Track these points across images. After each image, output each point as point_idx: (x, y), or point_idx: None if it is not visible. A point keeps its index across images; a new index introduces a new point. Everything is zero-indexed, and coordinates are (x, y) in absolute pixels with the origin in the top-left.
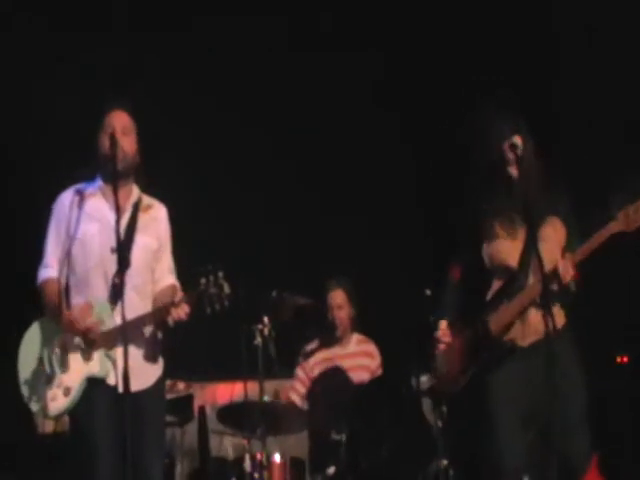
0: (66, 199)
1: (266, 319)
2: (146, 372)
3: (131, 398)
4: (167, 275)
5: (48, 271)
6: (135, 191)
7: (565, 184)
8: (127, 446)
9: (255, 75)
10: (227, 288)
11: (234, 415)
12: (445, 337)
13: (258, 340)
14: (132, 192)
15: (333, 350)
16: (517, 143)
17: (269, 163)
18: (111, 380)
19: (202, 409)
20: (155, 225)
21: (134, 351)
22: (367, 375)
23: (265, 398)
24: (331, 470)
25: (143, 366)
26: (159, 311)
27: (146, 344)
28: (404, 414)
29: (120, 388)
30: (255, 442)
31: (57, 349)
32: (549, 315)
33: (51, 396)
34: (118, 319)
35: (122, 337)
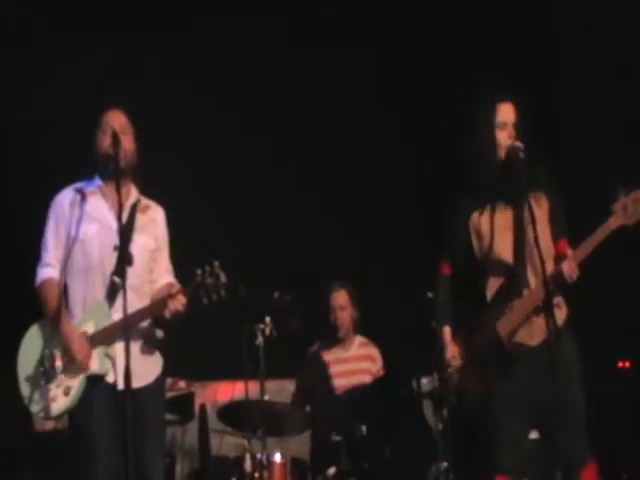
0: (65, 198)
1: (268, 319)
2: (145, 369)
3: (131, 396)
4: (165, 275)
5: (48, 271)
6: (134, 191)
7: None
8: (128, 445)
9: (255, 75)
10: (223, 277)
11: (235, 414)
12: (455, 360)
13: (259, 340)
14: (131, 192)
15: (335, 352)
16: (519, 146)
17: (269, 163)
18: (110, 378)
19: (203, 408)
20: (153, 226)
21: (132, 348)
22: (368, 378)
23: (266, 398)
24: (332, 471)
25: (142, 363)
26: (156, 304)
27: (144, 341)
28: (405, 416)
29: (120, 385)
30: (255, 442)
31: (57, 350)
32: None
33: (52, 396)
34: (115, 317)
35: (123, 334)
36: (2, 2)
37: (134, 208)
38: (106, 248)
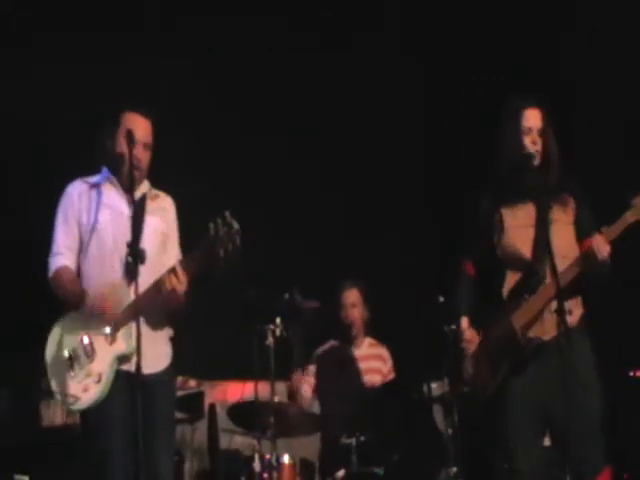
0: (74, 189)
1: (278, 320)
2: (159, 353)
3: (142, 384)
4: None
5: (60, 259)
6: (145, 183)
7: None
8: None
9: (254, 75)
10: (236, 225)
11: (244, 414)
12: (474, 337)
13: (270, 340)
14: (142, 183)
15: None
16: (533, 154)
17: (281, 163)
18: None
19: (212, 407)
20: (163, 213)
21: (146, 331)
22: (379, 378)
23: (276, 398)
24: (340, 473)
25: (156, 347)
26: (160, 280)
27: (156, 328)
28: (415, 420)
29: (133, 367)
30: (265, 442)
31: (82, 343)
32: (562, 312)
33: (83, 387)
34: (134, 295)
35: (136, 313)
36: (2, 2)
37: (144, 196)
38: (120, 233)
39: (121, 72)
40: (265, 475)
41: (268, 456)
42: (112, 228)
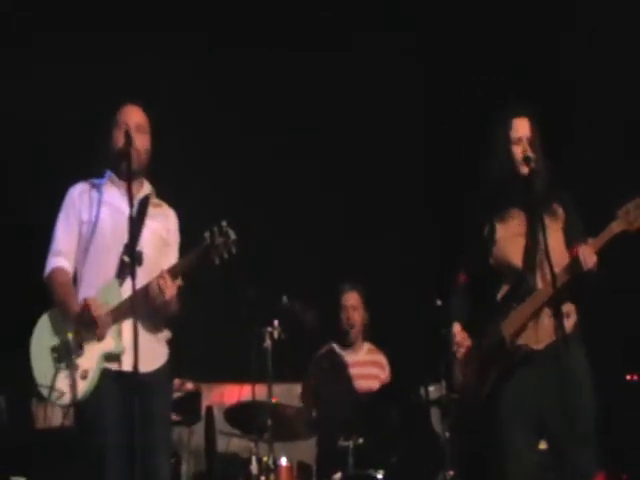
0: (75, 190)
1: (276, 322)
2: (153, 352)
3: (138, 382)
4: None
5: (58, 260)
6: (146, 185)
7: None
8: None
9: (255, 75)
10: (233, 234)
11: (242, 416)
12: (465, 341)
13: (267, 343)
14: (143, 185)
15: (344, 355)
16: (531, 156)
17: (279, 165)
18: (118, 365)
19: (210, 409)
20: (165, 220)
21: (140, 330)
22: (376, 384)
23: (273, 401)
24: (337, 476)
25: (150, 346)
26: (149, 285)
27: (151, 326)
28: (412, 423)
29: (126, 366)
30: (262, 445)
31: (69, 336)
32: (560, 317)
33: (69, 383)
34: (125, 295)
35: (131, 311)
36: (2, 2)
37: (146, 199)
38: (118, 231)
39: (121, 72)
40: (262, 478)
41: (265, 459)
42: (111, 226)
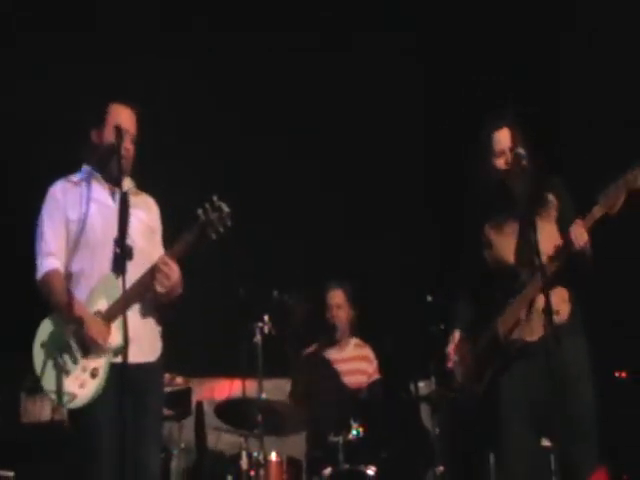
0: (57, 189)
1: (266, 317)
2: (150, 344)
3: (134, 374)
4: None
5: (51, 261)
6: (127, 180)
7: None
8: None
9: (255, 75)
10: (226, 207)
11: (232, 411)
12: (454, 353)
13: (258, 338)
14: (124, 182)
15: (331, 353)
16: (521, 153)
17: (270, 163)
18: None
19: (200, 404)
20: (147, 207)
21: (138, 321)
22: (364, 379)
23: (263, 396)
24: (327, 472)
25: (152, 335)
26: (150, 272)
27: (152, 314)
28: (402, 420)
29: (134, 357)
30: (252, 440)
31: (74, 336)
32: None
33: (79, 384)
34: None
35: (123, 306)
36: (2, 2)
37: (126, 192)
38: (109, 226)
39: (121, 72)
40: (252, 473)
41: (255, 454)
42: (101, 221)
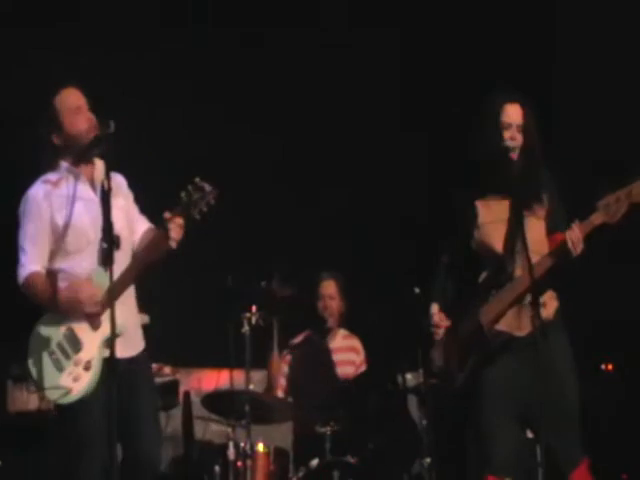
0: (38, 193)
1: (254, 308)
2: (137, 337)
3: (124, 368)
4: (141, 223)
5: (30, 267)
6: (99, 163)
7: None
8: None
9: (254, 75)
10: (208, 186)
11: (219, 402)
12: (442, 322)
13: (246, 328)
14: (96, 165)
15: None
16: (510, 147)
17: (261, 155)
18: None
19: (187, 395)
20: (120, 190)
21: (126, 312)
22: (352, 370)
23: (251, 387)
24: (314, 462)
25: (135, 330)
26: (151, 245)
27: (136, 307)
28: (390, 411)
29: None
30: (239, 430)
31: (64, 333)
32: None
33: (73, 378)
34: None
35: (110, 298)
36: (2, 2)
37: (104, 184)
38: (97, 221)
39: (121, 72)
40: (239, 463)
41: (242, 444)
42: (89, 220)
